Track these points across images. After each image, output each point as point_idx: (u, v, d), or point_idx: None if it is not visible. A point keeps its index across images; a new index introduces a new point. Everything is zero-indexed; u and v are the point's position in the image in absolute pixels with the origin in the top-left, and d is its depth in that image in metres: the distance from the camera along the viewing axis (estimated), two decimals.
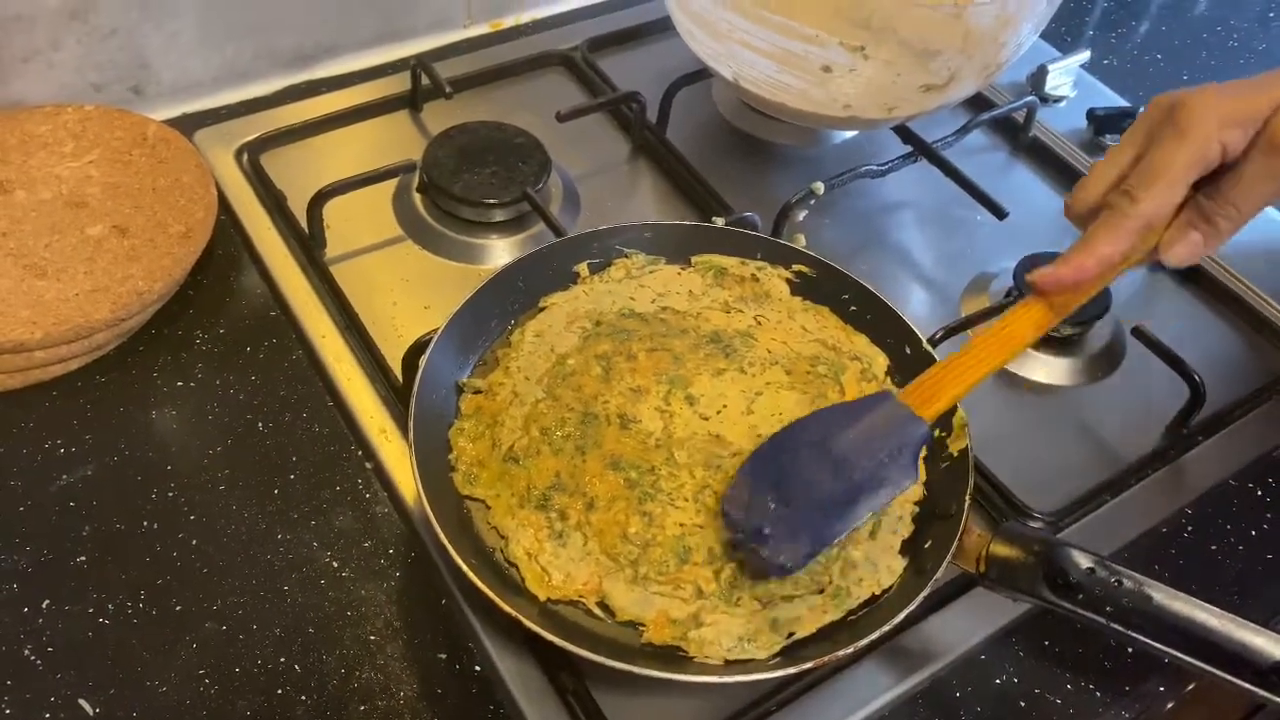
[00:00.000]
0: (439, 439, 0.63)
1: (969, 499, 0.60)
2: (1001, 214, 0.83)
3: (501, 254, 0.81)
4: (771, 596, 0.58)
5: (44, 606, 0.60)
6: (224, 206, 0.80)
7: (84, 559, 0.62)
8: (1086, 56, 1.01)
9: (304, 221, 0.78)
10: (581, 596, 0.58)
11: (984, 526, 0.59)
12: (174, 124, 0.83)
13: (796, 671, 0.54)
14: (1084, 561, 0.55)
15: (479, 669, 0.60)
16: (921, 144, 0.87)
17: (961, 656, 0.63)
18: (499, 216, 0.81)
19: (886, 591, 0.59)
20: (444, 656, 0.60)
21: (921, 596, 0.56)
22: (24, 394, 0.69)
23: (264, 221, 0.80)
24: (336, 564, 0.63)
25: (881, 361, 0.69)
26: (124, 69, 0.84)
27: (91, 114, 0.80)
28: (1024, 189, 0.92)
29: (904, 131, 0.89)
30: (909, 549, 0.61)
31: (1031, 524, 0.68)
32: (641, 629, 0.57)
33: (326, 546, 0.64)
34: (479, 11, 0.99)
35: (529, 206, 0.81)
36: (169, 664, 0.58)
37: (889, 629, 0.55)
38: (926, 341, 0.68)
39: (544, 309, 0.70)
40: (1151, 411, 0.76)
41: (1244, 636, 0.53)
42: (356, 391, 0.70)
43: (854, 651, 0.55)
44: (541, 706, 0.58)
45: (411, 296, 0.77)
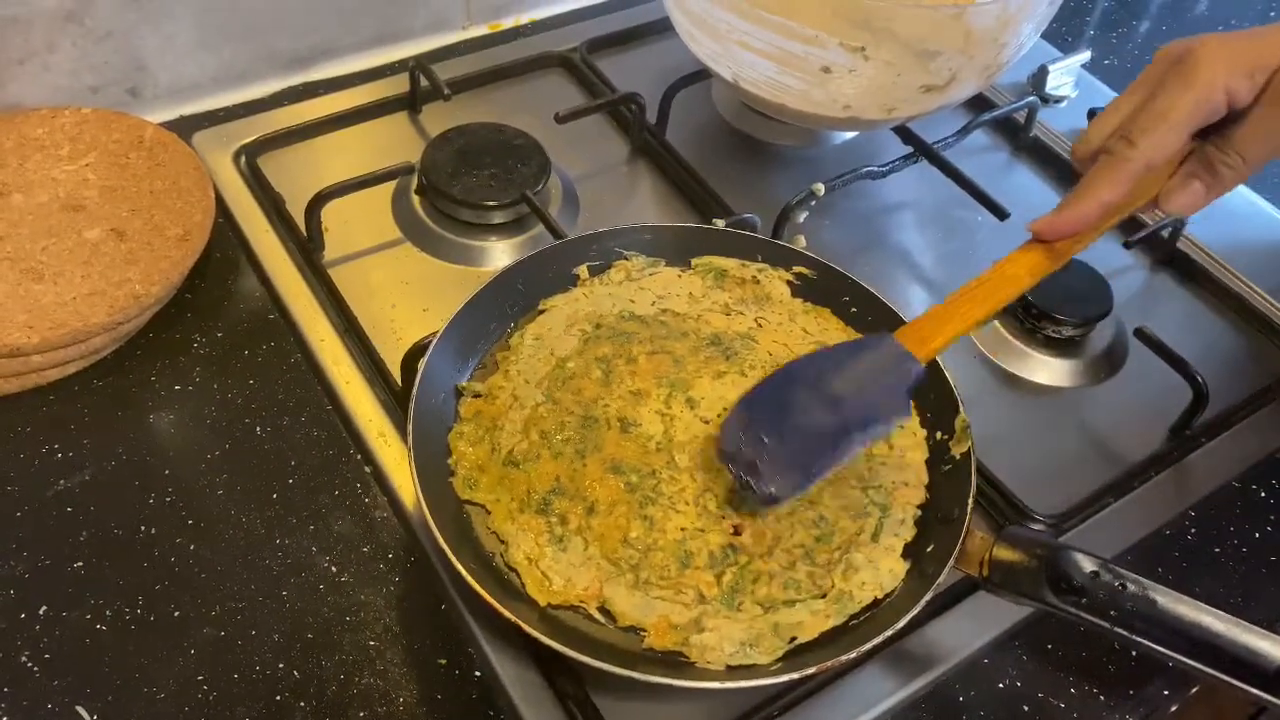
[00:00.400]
0: (438, 443, 0.63)
1: (972, 503, 0.59)
2: (1003, 215, 0.83)
3: (501, 256, 0.80)
4: (773, 601, 0.58)
5: (41, 613, 0.59)
6: (222, 209, 0.80)
7: (81, 564, 0.61)
8: (1087, 56, 1.01)
9: (302, 224, 0.78)
10: (582, 601, 0.57)
11: (986, 530, 0.59)
12: (171, 126, 0.82)
13: (799, 677, 0.54)
14: (1087, 565, 0.55)
15: (479, 674, 0.60)
16: (922, 145, 0.87)
17: (965, 660, 0.62)
18: (498, 219, 0.81)
19: (889, 596, 0.59)
20: (444, 662, 0.60)
21: (924, 601, 0.55)
22: (21, 398, 0.68)
23: (262, 224, 0.79)
24: (335, 569, 0.63)
25: None
26: (121, 71, 0.84)
27: (88, 117, 0.79)
28: (1025, 189, 0.92)
29: (904, 132, 0.88)
30: (911, 553, 0.61)
31: (1034, 526, 0.68)
32: (642, 634, 0.57)
33: (325, 551, 0.63)
34: (477, 13, 0.99)
35: (528, 208, 0.80)
36: (167, 670, 0.58)
37: (892, 634, 0.54)
38: None
39: (543, 312, 0.70)
40: (1154, 413, 0.76)
41: (1249, 640, 0.52)
42: (355, 395, 0.70)
43: (857, 657, 0.54)
44: (542, 712, 0.57)
45: (410, 299, 0.77)
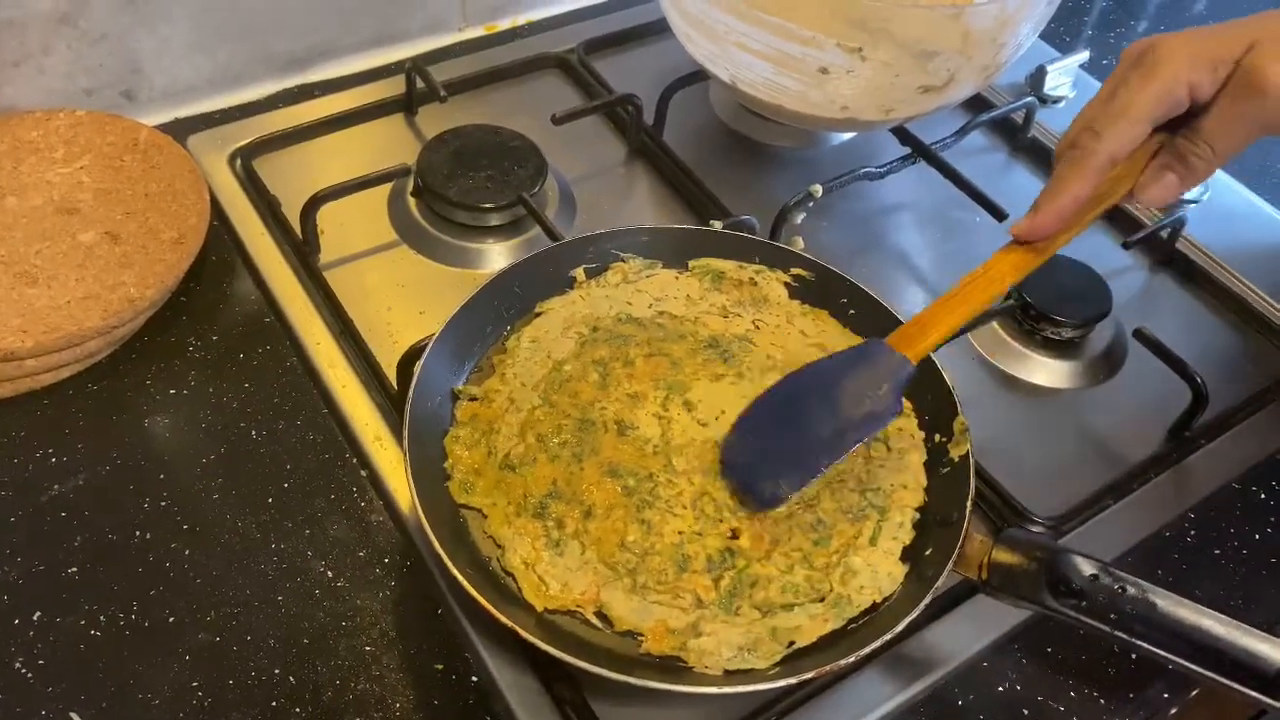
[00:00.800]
0: (434, 447, 0.62)
1: (970, 505, 0.59)
2: (1001, 215, 0.82)
3: (497, 258, 0.80)
4: (771, 605, 0.57)
5: (35, 618, 0.59)
6: (217, 212, 0.79)
7: (75, 570, 0.61)
8: (1086, 57, 1.01)
9: (298, 227, 0.77)
10: (579, 606, 0.57)
11: (985, 532, 0.58)
12: (166, 129, 0.82)
13: (797, 681, 0.54)
14: (1087, 568, 0.55)
15: (476, 679, 0.59)
16: (920, 145, 0.87)
17: (964, 664, 0.62)
18: (494, 221, 0.81)
19: (887, 599, 0.58)
20: (440, 667, 0.60)
21: (923, 604, 0.55)
22: (14, 403, 0.68)
23: (257, 227, 0.79)
24: (331, 573, 0.62)
25: None
26: (116, 74, 0.83)
27: (83, 119, 0.79)
28: (1023, 190, 0.92)
29: (902, 133, 0.88)
30: (910, 556, 0.60)
31: (1033, 529, 0.68)
32: (640, 639, 0.56)
33: (321, 556, 0.63)
34: (474, 14, 0.98)
35: (525, 210, 0.80)
36: (162, 676, 0.57)
37: (890, 638, 0.54)
38: None
39: (540, 314, 0.69)
40: (1153, 414, 0.75)
41: (1249, 643, 0.52)
42: (351, 398, 0.70)
43: (855, 661, 0.54)
44: (539, 717, 0.57)
45: (406, 302, 0.76)
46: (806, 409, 0.60)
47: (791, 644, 0.56)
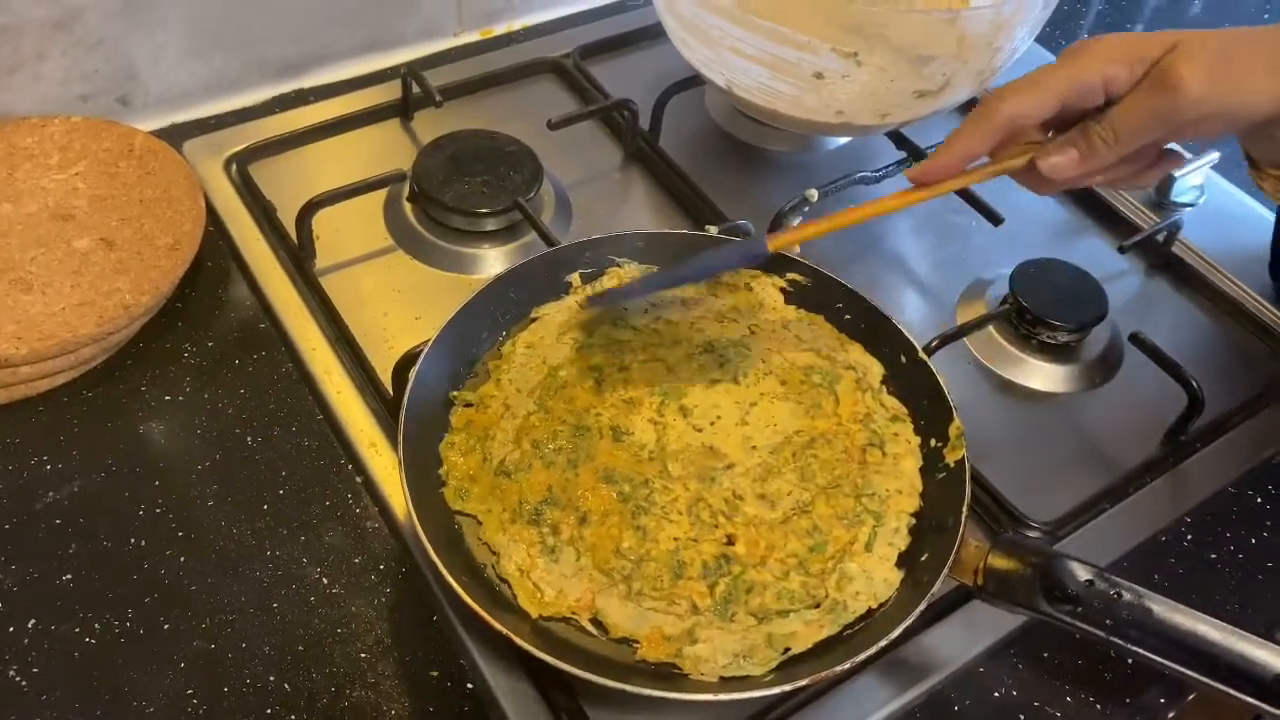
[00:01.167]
0: (430, 453, 0.62)
1: (966, 510, 0.59)
2: (997, 220, 0.82)
3: (493, 264, 0.80)
4: (767, 611, 0.57)
5: (30, 626, 0.59)
6: (212, 218, 0.79)
7: (70, 577, 0.61)
8: None
9: (293, 232, 0.77)
10: (574, 613, 0.57)
11: (981, 537, 0.58)
12: (162, 135, 0.82)
13: (793, 688, 0.54)
14: (1083, 574, 0.55)
15: (471, 686, 0.59)
16: (916, 149, 0.87)
17: (960, 670, 0.62)
18: (490, 226, 0.81)
19: (883, 605, 0.58)
20: (436, 674, 0.59)
21: (918, 610, 0.55)
22: (9, 410, 0.68)
23: (253, 233, 0.79)
24: (326, 580, 0.62)
25: (877, 371, 0.69)
26: (111, 80, 0.83)
27: (78, 125, 0.79)
28: (1019, 194, 0.90)
29: (898, 137, 0.88)
30: (905, 561, 0.60)
31: (1029, 534, 0.68)
32: (635, 646, 0.56)
33: (316, 562, 0.63)
34: (469, 19, 0.98)
35: (520, 216, 0.80)
36: (157, 683, 0.57)
37: (886, 644, 0.54)
38: (922, 350, 0.67)
39: (536, 320, 0.69)
40: (1149, 419, 0.75)
41: (1245, 649, 0.52)
42: (346, 404, 0.70)
43: (851, 667, 0.54)
44: None
45: (402, 307, 0.76)
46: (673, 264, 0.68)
47: (787, 650, 0.56)
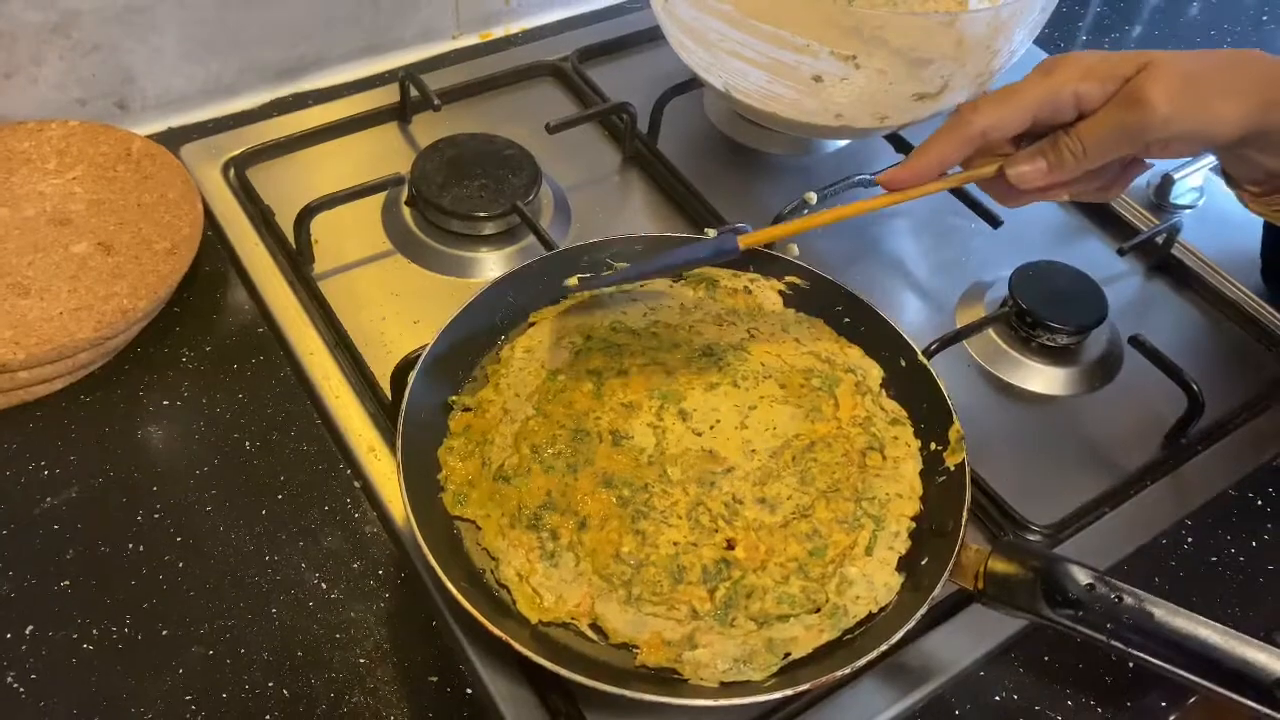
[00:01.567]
0: (428, 458, 0.62)
1: (966, 514, 0.59)
2: (996, 222, 0.82)
3: (491, 267, 0.80)
4: (767, 616, 0.57)
5: (27, 632, 0.59)
6: (210, 222, 0.79)
7: (68, 583, 0.61)
8: None
9: (291, 236, 0.77)
10: (574, 618, 0.57)
11: (981, 541, 0.58)
12: (159, 139, 0.82)
13: (793, 693, 0.53)
14: (1083, 578, 0.55)
15: (471, 691, 0.59)
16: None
17: (960, 673, 0.62)
18: (489, 229, 0.80)
19: (884, 609, 0.58)
20: (435, 679, 0.59)
21: (919, 615, 0.55)
22: (7, 415, 0.68)
23: (251, 237, 0.79)
24: (325, 585, 0.62)
25: (876, 374, 0.68)
26: (108, 84, 0.83)
27: (75, 129, 0.79)
28: None
29: (897, 140, 0.88)
30: (906, 565, 0.60)
31: (1029, 537, 0.67)
32: (635, 651, 0.56)
33: (315, 568, 0.63)
34: (468, 22, 0.98)
35: (519, 219, 0.80)
36: (155, 690, 0.57)
37: (886, 648, 0.54)
38: (921, 353, 0.67)
39: (534, 324, 0.69)
40: (1149, 421, 0.75)
41: (1246, 653, 0.52)
42: (345, 409, 0.69)
43: (851, 672, 0.54)
44: None
45: (401, 311, 0.76)
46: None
47: (787, 655, 0.56)
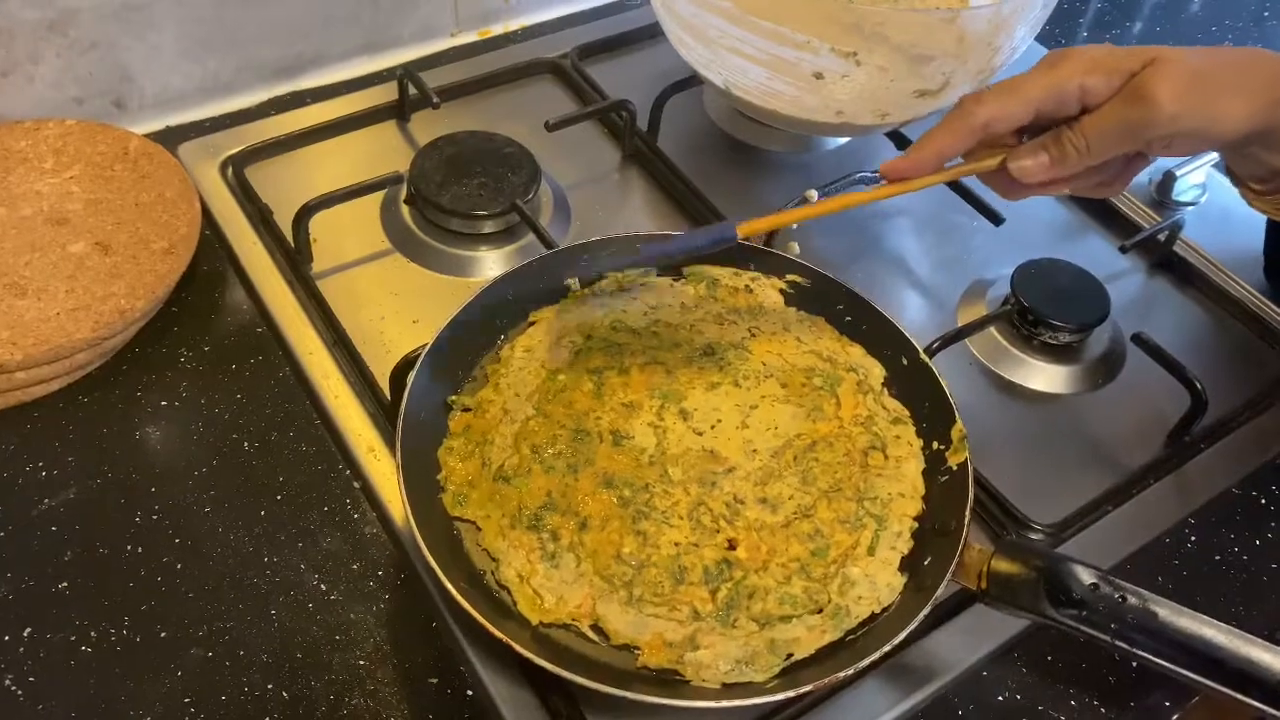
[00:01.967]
0: (428, 458, 0.62)
1: (969, 514, 0.58)
2: (998, 220, 0.82)
3: (491, 266, 0.80)
4: (769, 617, 0.57)
5: (25, 635, 0.58)
6: (208, 221, 0.79)
7: (66, 585, 0.60)
8: None
9: (290, 235, 0.77)
10: (575, 619, 0.57)
11: (983, 540, 0.58)
12: (157, 138, 0.81)
13: (795, 694, 0.53)
14: (1087, 577, 0.54)
15: (471, 693, 0.59)
16: None
17: (963, 674, 0.61)
18: (488, 228, 0.80)
19: (886, 610, 0.58)
20: (435, 681, 0.59)
21: (922, 615, 0.55)
22: (4, 416, 0.67)
23: (249, 236, 0.78)
24: (325, 587, 0.62)
25: (878, 372, 0.68)
26: (105, 82, 0.83)
27: (72, 128, 0.78)
28: None
29: (897, 137, 0.88)
30: (908, 565, 0.60)
31: (1032, 536, 0.67)
32: (636, 652, 0.56)
33: (314, 569, 0.63)
34: (466, 20, 0.98)
35: (519, 218, 0.79)
36: (154, 692, 0.57)
37: (889, 649, 0.54)
38: (923, 351, 0.67)
39: (534, 323, 0.69)
40: (1152, 419, 0.75)
41: (1251, 652, 0.52)
42: (344, 409, 0.69)
43: (854, 672, 0.54)
44: None
45: (400, 311, 0.76)
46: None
47: (790, 656, 0.56)
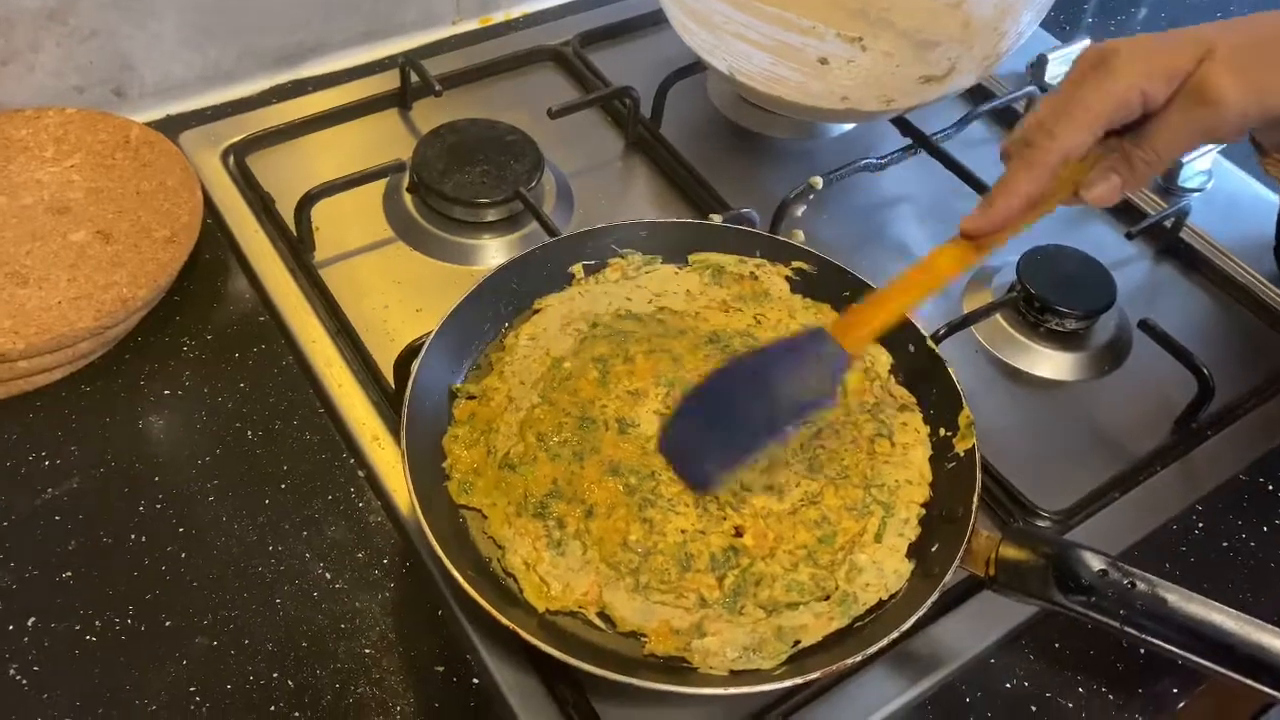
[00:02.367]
0: (433, 446, 0.62)
1: (977, 501, 0.58)
2: None
3: (494, 254, 0.79)
4: (776, 604, 0.57)
5: (30, 624, 0.58)
6: (210, 210, 0.78)
7: (70, 574, 0.60)
8: (1087, 44, 1.00)
9: (292, 224, 0.76)
10: (581, 607, 0.56)
11: (991, 527, 0.58)
12: (158, 126, 0.81)
13: (803, 681, 0.53)
14: (1096, 563, 0.54)
15: (477, 681, 0.59)
16: (921, 136, 0.86)
17: (970, 661, 0.61)
18: (491, 216, 0.80)
19: (894, 596, 0.58)
20: (441, 669, 0.59)
21: (930, 602, 0.54)
22: (7, 405, 0.67)
23: (251, 224, 0.78)
24: (330, 575, 0.62)
25: (884, 359, 0.68)
26: (106, 71, 0.82)
27: (73, 117, 0.78)
28: None
29: (903, 123, 0.87)
30: (916, 552, 0.60)
31: (1039, 523, 0.67)
32: (643, 639, 0.56)
33: (319, 558, 0.62)
34: (468, 7, 0.97)
35: (522, 206, 0.79)
36: (159, 681, 0.57)
37: (897, 635, 0.53)
38: (930, 338, 0.67)
39: (538, 311, 0.69)
40: (1159, 406, 0.75)
41: (1261, 638, 0.51)
42: (348, 398, 0.69)
43: (862, 659, 0.53)
44: (541, 719, 0.56)
45: (403, 299, 0.75)
46: (746, 395, 0.59)
47: (797, 643, 0.56)
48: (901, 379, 0.67)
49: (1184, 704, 0.62)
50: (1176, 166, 0.90)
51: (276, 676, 0.57)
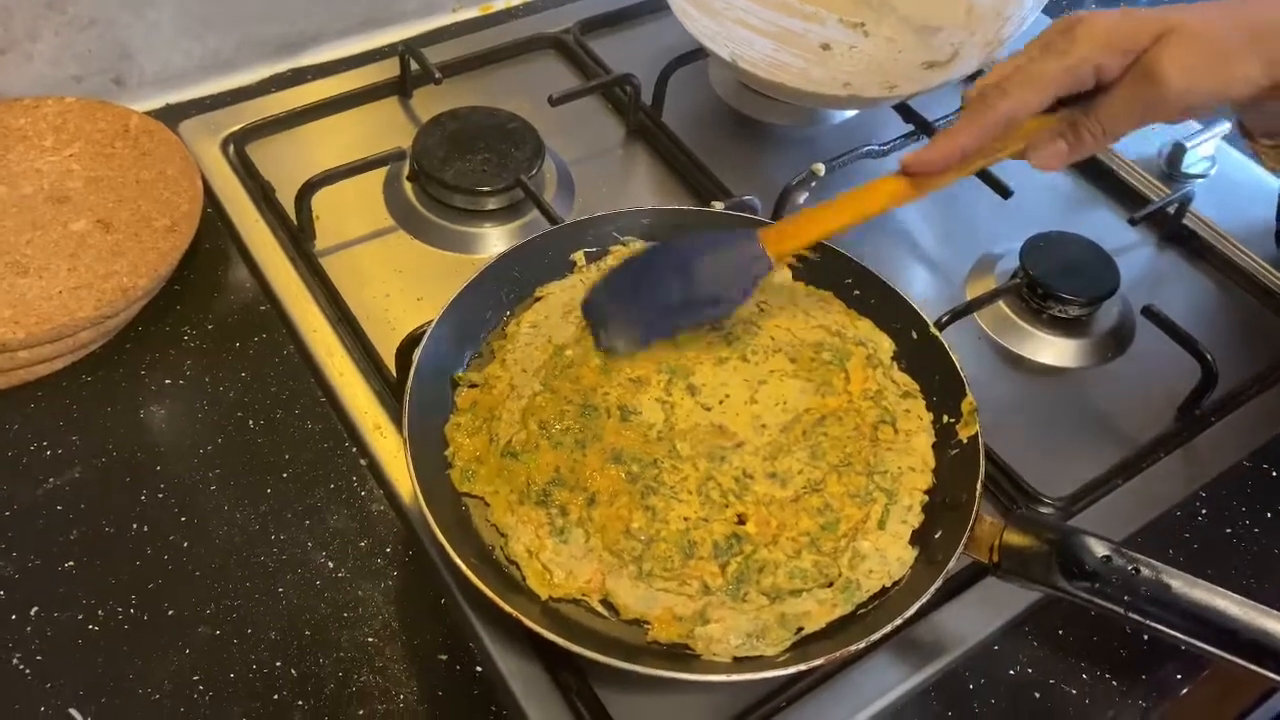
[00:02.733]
0: (435, 435, 0.61)
1: (980, 487, 0.58)
2: (1006, 193, 0.81)
3: (495, 242, 0.79)
4: (779, 591, 0.56)
5: (32, 614, 0.58)
6: (210, 199, 0.78)
7: (72, 564, 0.60)
8: None
9: (292, 213, 0.76)
10: (584, 594, 0.56)
11: (994, 514, 0.57)
12: (157, 115, 0.81)
13: (806, 668, 0.53)
14: (1100, 549, 0.54)
15: (480, 669, 0.59)
16: (923, 122, 0.85)
17: (974, 648, 0.61)
18: (492, 204, 0.80)
19: (897, 583, 0.58)
20: (444, 657, 0.59)
21: (933, 589, 0.54)
22: (7, 395, 0.67)
23: (251, 213, 0.78)
24: (332, 564, 0.62)
25: (887, 346, 0.68)
26: (104, 59, 0.82)
27: (72, 106, 0.78)
28: (1028, 167, 0.90)
29: (905, 110, 0.87)
30: (919, 539, 0.59)
31: (1043, 510, 0.67)
32: (647, 627, 0.56)
33: (322, 546, 0.62)
34: None
35: (523, 193, 0.79)
36: (162, 670, 0.57)
37: (900, 622, 0.53)
38: (933, 325, 0.66)
39: (540, 299, 0.68)
40: (1163, 392, 0.74)
41: (1265, 624, 0.51)
42: (349, 387, 0.69)
43: (865, 646, 0.53)
44: (545, 707, 0.56)
45: (404, 288, 0.75)
46: (669, 276, 0.63)
47: (800, 630, 0.56)
48: (904, 366, 0.67)
49: (1187, 690, 0.62)
50: (1180, 153, 0.90)
51: (279, 665, 0.57)
